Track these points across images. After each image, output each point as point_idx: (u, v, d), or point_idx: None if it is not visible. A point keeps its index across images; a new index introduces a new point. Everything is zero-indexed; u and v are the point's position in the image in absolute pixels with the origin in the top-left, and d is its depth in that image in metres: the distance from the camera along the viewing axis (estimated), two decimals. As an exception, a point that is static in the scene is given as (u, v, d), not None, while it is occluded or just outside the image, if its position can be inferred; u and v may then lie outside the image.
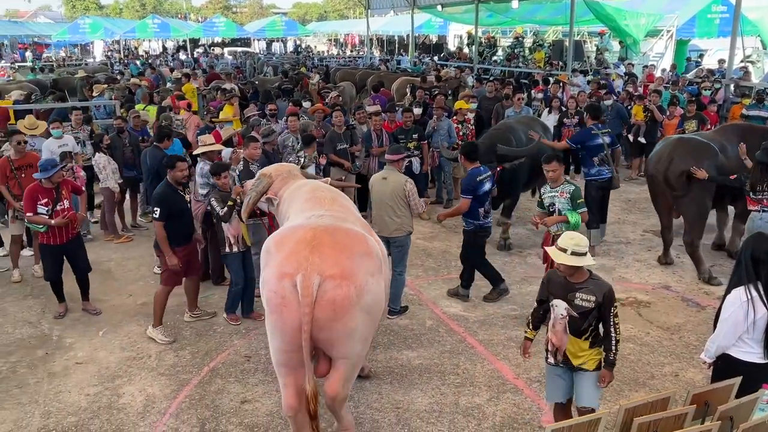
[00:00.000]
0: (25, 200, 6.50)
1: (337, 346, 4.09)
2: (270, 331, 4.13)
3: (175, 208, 6.16)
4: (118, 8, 75.04)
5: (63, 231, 6.57)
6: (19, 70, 24.27)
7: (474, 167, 6.82)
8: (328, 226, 4.26)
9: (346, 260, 4.00)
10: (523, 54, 27.10)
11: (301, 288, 3.84)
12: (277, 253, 4.11)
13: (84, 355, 6.02)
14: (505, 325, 6.49)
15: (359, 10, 58.10)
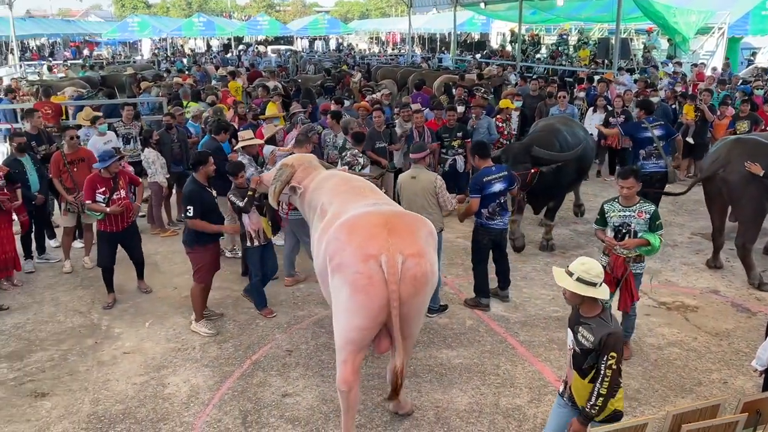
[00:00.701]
0: (85, 189, 6.90)
1: (411, 322, 4.42)
2: (353, 310, 4.29)
3: (206, 205, 6.28)
4: (165, 7, 76.63)
5: (119, 219, 6.92)
6: (71, 68, 25.01)
7: (486, 166, 6.67)
8: (395, 211, 4.72)
9: (419, 240, 4.37)
10: (568, 52, 26.71)
11: (388, 267, 4.13)
12: (352, 237, 4.34)
13: (131, 345, 6.18)
14: (547, 327, 6.42)
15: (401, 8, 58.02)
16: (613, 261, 5.45)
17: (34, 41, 42.78)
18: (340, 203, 4.97)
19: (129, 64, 26.72)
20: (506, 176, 6.70)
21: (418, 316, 4.51)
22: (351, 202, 4.92)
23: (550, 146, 7.98)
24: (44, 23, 45.86)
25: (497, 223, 6.71)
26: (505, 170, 6.76)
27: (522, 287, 7.34)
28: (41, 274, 7.94)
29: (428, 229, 4.59)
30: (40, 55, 38.74)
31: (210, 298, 6.94)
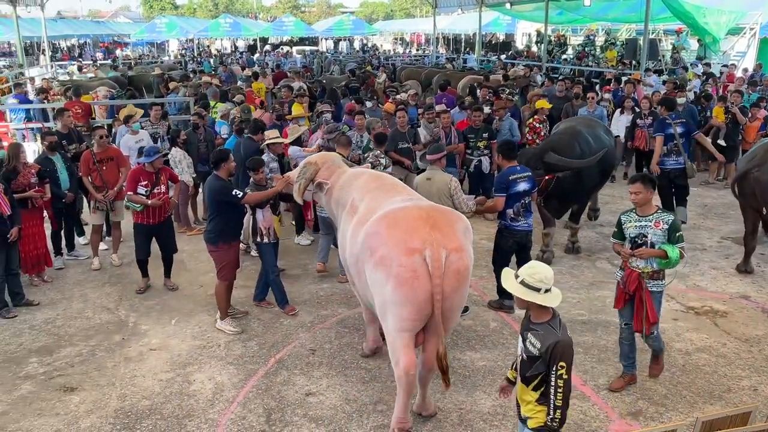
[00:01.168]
0: (129, 181, 7.25)
1: (451, 315, 4.54)
2: (398, 302, 4.39)
3: (229, 201, 6.30)
4: (192, 8, 77.61)
5: (156, 212, 7.22)
6: (100, 68, 25.43)
7: (510, 166, 6.60)
8: (434, 206, 4.85)
9: (459, 234, 4.48)
10: (594, 52, 26.43)
11: (432, 261, 4.25)
12: (393, 231, 4.44)
13: (158, 342, 6.26)
14: (572, 330, 6.29)
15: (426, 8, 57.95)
16: (627, 275, 5.10)
17: (64, 42, 43.60)
18: (373, 199, 5.05)
19: (156, 65, 27.08)
20: (531, 176, 6.64)
21: (458, 310, 4.69)
22: (385, 197, 5.00)
23: (570, 150, 7.72)
24: (75, 24, 46.75)
25: (522, 225, 6.64)
26: (529, 171, 6.70)
27: (547, 290, 7.27)
28: (70, 270, 8.08)
29: (465, 224, 4.69)
30: (71, 55, 39.45)
31: (234, 296, 7.01)
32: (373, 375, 5.58)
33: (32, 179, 7.34)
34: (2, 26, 33.94)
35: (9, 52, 38.97)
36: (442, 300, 4.29)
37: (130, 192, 7.17)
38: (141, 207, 7.16)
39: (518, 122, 11.15)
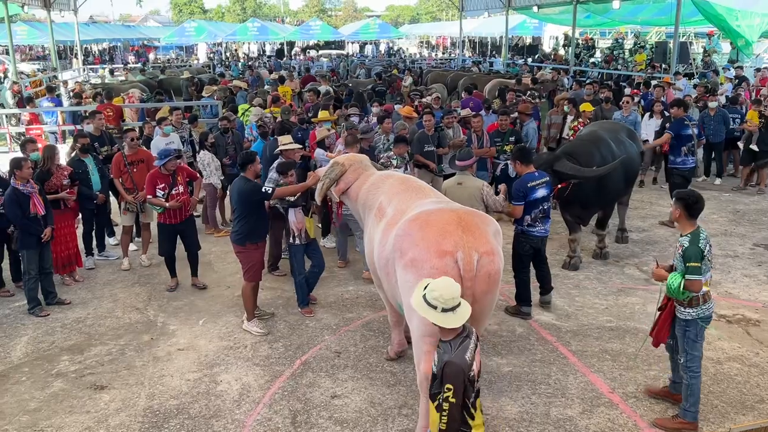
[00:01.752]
0: (147, 184, 7.38)
1: (481, 318, 4.51)
2: None
3: (255, 203, 6.38)
4: (220, 12, 78.60)
5: (178, 212, 7.37)
6: (130, 71, 25.87)
7: (528, 172, 6.56)
8: (465, 208, 4.79)
9: (490, 237, 4.47)
10: (623, 56, 26.11)
11: (464, 263, 4.24)
12: (425, 233, 4.42)
13: (185, 342, 6.34)
14: (599, 337, 6.27)
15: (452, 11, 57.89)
16: (665, 301, 4.90)
17: (96, 46, 44.45)
18: (402, 201, 5.06)
19: (185, 68, 27.44)
20: (549, 182, 6.62)
21: (488, 313, 4.66)
22: (414, 199, 5.02)
23: (588, 157, 7.44)
24: (106, 28, 47.65)
25: (539, 230, 6.64)
26: (547, 176, 6.64)
27: (574, 296, 7.20)
28: (101, 270, 8.22)
29: (495, 227, 4.67)
30: (102, 59, 40.21)
31: (261, 297, 7.06)
32: (398, 379, 5.58)
33: (65, 181, 7.49)
34: (37, 30, 34.74)
35: (43, 55, 39.87)
36: (473, 303, 4.21)
37: (149, 195, 7.34)
38: (161, 209, 7.31)
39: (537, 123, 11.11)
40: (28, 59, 37.71)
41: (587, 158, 7.44)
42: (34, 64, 33.33)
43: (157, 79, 20.95)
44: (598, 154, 7.60)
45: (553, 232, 9.33)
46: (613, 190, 7.93)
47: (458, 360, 3.38)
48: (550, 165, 7.07)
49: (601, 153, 7.63)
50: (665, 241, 8.96)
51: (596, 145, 7.75)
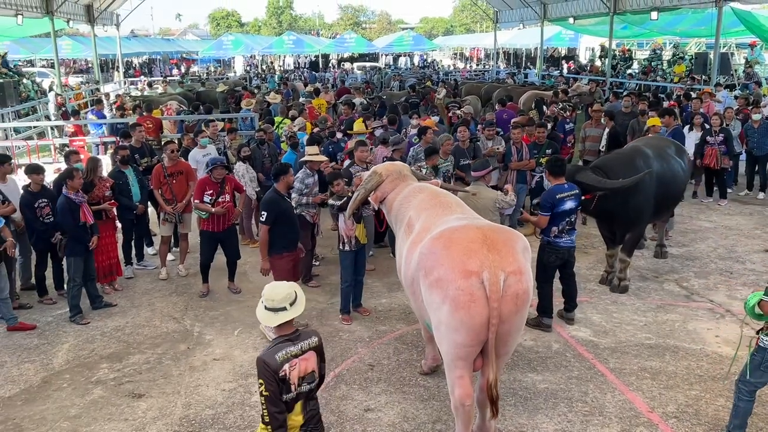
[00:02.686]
0: (196, 190, 7.73)
1: (508, 340, 4.38)
2: (454, 327, 4.25)
3: (282, 213, 6.51)
4: (257, 25, 79.98)
5: (221, 220, 7.61)
6: (169, 84, 26.43)
7: (557, 183, 6.51)
8: (490, 225, 4.65)
9: (518, 256, 4.28)
10: (662, 67, 25.68)
11: (490, 284, 4.10)
12: (448, 252, 4.30)
13: (221, 352, 6.41)
14: (638, 354, 6.13)
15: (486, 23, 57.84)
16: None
17: (136, 59, 45.60)
18: (428, 218, 4.98)
19: (222, 81, 27.92)
20: (578, 194, 6.56)
21: (517, 334, 4.48)
22: (439, 216, 4.93)
23: (622, 171, 7.09)
24: (146, 42, 48.83)
25: (565, 241, 6.55)
26: (576, 189, 6.58)
27: (612, 312, 7.06)
28: (139, 280, 8.38)
29: (524, 243, 4.50)
30: (142, 71, 41.21)
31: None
32: (432, 393, 5.54)
33: (106, 192, 7.68)
34: (81, 45, 35.84)
35: (86, 68, 41.04)
36: (499, 324, 4.15)
37: (197, 200, 7.59)
38: (206, 214, 7.54)
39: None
40: (71, 72, 38.86)
41: (619, 172, 7.08)
42: (77, 77, 34.32)
43: (195, 92, 21.34)
44: (633, 168, 7.19)
45: (589, 245, 9.26)
46: (644, 208, 7.38)
47: (265, 356, 3.56)
48: (572, 176, 6.93)
49: (637, 168, 7.19)
50: (706, 257, 8.74)
51: (633, 160, 7.38)
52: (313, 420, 3.78)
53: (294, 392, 3.62)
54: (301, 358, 3.64)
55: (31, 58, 35.90)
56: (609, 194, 6.97)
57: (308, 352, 3.70)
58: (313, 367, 3.72)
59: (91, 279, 7.29)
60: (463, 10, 77.53)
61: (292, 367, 3.58)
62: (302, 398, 3.68)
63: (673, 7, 20.38)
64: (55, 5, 22.06)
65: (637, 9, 21.89)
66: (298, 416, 3.68)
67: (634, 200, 7.22)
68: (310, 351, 3.71)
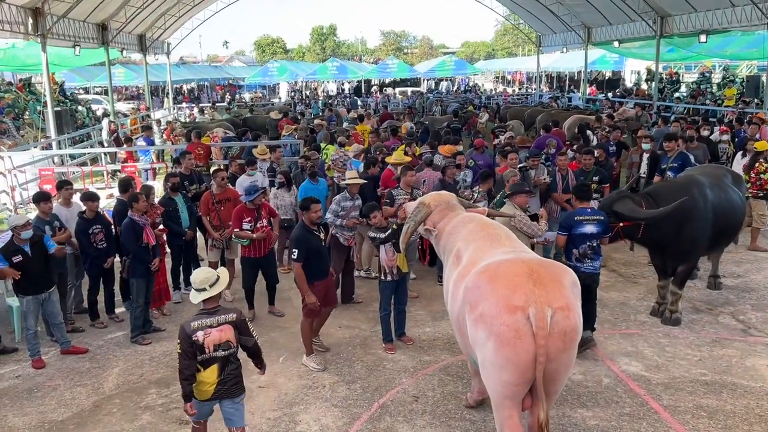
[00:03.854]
0: (234, 219, 7.80)
1: (557, 378, 4.24)
2: (500, 365, 4.16)
3: (312, 248, 6.56)
4: (301, 52, 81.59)
5: (261, 246, 7.75)
6: (217, 110, 27.10)
7: (581, 206, 6.63)
8: (537, 259, 4.56)
9: (566, 291, 4.17)
10: (711, 90, 25.11)
11: (536, 320, 3.99)
12: (493, 287, 4.22)
13: (266, 379, 6.39)
14: (693, 391, 5.91)
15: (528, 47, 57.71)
16: None
17: (185, 85, 47.02)
18: (476, 249, 4.90)
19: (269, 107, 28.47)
20: (601, 221, 6.55)
21: (566, 373, 4.33)
22: (487, 248, 4.83)
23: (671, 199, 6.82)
24: (195, 69, 50.39)
25: (587, 267, 6.51)
26: (601, 214, 6.61)
27: (665, 345, 6.84)
28: (186, 305, 8.47)
29: (572, 278, 4.37)
30: (191, 98, 42.42)
31: (338, 336, 7.16)
32: (478, 428, 5.43)
33: (158, 219, 7.87)
34: (133, 72, 37.15)
35: (137, 95, 42.48)
36: (547, 362, 4.03)
37: (236, 229, 7.72)
38: (248, 242, 7.67)
39: None
40: (123, 99, 40.27)
41: (670, 201, 6.84)
42: (128, 104, 35.53)
43: (241, 118, 21.80)
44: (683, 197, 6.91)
45: (639, 275, 9.02)
46: (698, 239, 7.11)
47: (184, 323, 4.53)
48: (611, 203, 6.94)
49: (692, 197, 6.98)
50: (763, 288, 8.42)
51: (686, 189, 7.13)
52: (230, 381, 4.66)
53: (208, 354, 4.50)
54: (215, 329, 4.51)
55: (86, 86, 37.35)
56: (659, 223, 6.80)
57: (224, 325, 4.55)
58: (228, 338, 4.56)
59: (146, 302, 7.45)
60: (505, 34, 77.49)
61: (206, 335, 4.47)
62: (218, 362, 4.55)
63: (723, 30, 19.96)
64: (110, 36, 22.98)
65: (685, 32, 21.52)
66: (212, 375, 4.57)
67: (688, 230, 7.00)
68: (226, 324, 4.56)
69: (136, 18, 24.42)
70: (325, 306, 6.82)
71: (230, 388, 4.67)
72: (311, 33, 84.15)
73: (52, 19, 17.81)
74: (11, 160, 13.56)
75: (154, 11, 26.12)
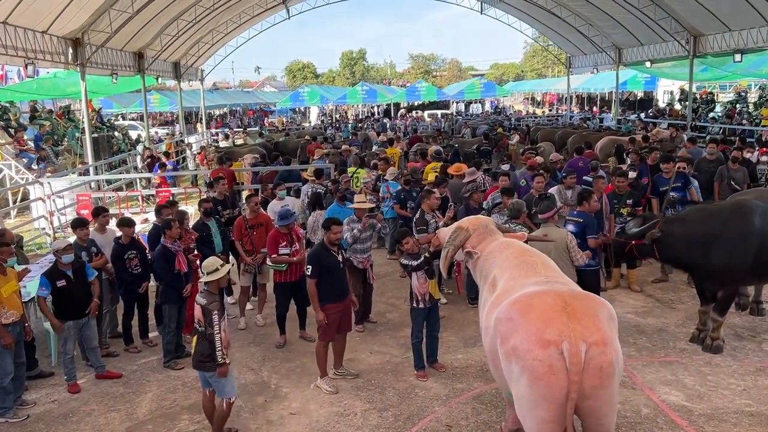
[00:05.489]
0: (269, 245, 7.79)
1: (600, 417, 4.08)
2: (534, 401, 4.04)
3: (327, 266, 6.55)
4: (331, 77, 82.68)
5: (296, 270, 7.74)
6: (249, 135, 27.52)
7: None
8: (572, 291, 4.39)
9: (601, 325, 4.03)
10: (747, 110, 24.63)
11: (570, 356, 3.86)
12: (525, 319, 4.11)
13: (297, 406, 6.39)
14: (738, 423, 5.69)
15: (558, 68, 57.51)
16: None
17: (218, 110, 47.94)
18: (510, 278, 4.78)
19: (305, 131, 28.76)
20: (580, 222, 7.44)
21: (610, 411, 4.09)
22: (521, 277, 4.71)
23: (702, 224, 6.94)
24: (227, 94, 51.36)
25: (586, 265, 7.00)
26: (582, 216, 7.47)
27: (706, 374, 6.62)
28: (219, 329, 8.54)
29: (608, 311, 4.22)
30: (223, 122, 43.20)
31: (369, 362, 7.10)
32: (514, 458, 5.31)
33: (192, 245, 7.96)
34: (167, 98, 38.06)
35: (171, 120, 43.43)
36: (583, 400, 3.89)
37: (273, 255, 7.68)
38: (285, 266, 7.66)
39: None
40: (157, 124, 41.19)
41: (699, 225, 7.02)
42: (163, 129, 36.33)
43: (273, 142, 22.05)
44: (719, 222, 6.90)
45: (677, 300, 8.79)
46: (733, 265, 6.78)
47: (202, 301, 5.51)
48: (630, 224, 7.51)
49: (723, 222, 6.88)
50: (809, 315, 8.11)
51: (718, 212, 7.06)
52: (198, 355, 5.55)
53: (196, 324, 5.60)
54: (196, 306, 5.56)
55: (122, 112, 38.34)
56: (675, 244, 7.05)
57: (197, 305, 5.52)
58: (198, 317, 5.51)
59: (179, 327, 7.50)
60: (534, 55, 77.51)
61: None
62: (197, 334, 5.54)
63: (758, 49, 19.62)
64: (146, 64, 23.61)
65: (719, 51, 21.22)
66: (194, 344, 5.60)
67: (717, 255, 6.80)
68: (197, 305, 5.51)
69: (171, 46, 25.10)
70: (340, 332, 6.81)
71: (200, 362, 5.48)
72: (341, 58, 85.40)
73: (91, 48, 18.39)
74: (50, 186, 13.92)
75: (189, 39, 26.81)
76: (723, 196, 10.39)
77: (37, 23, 15.73)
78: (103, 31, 18.44)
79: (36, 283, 7.17)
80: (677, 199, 9.39)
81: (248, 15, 29.68)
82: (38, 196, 14.15)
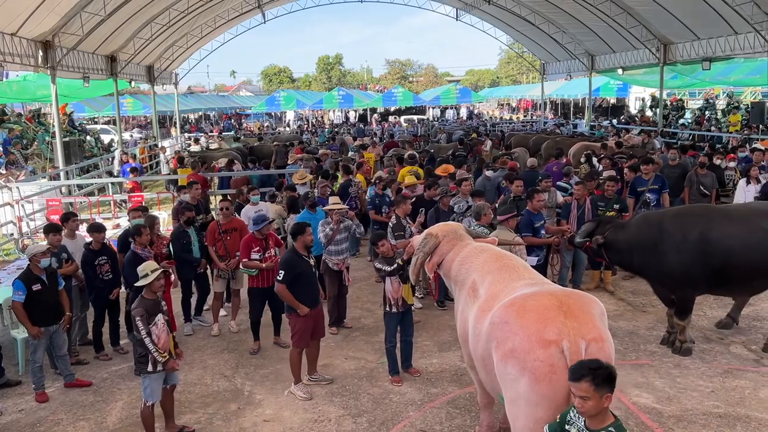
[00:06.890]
0: (242, 249, 7.77)
1: None
2: (535, 401, 4.01)
3: (299, 273, 6.56)
4: (307, 81, 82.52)
5: (269, 276, 7.59)
6: (224, 139, 27.30)
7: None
8: (564, 290, 4.48)
9: (596, 322, 4.09)
10: (716, 117, 25.17)
11: (570, 354, 3.88)
12: (523, 321, 4.10)
13: (271, 413, 6.34)
14: (706, 424, 5.79)
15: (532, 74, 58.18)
16: None
17: (192, 115, 47.45)
18: (495, 283, 4.77)
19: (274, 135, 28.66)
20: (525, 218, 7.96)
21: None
22: (506, 280, 4.71)
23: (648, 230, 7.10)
24: (202, 98, 50.89)
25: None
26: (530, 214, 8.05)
27: (675, 376, 6.72)
28: (192, 336, 8.44)
29: (600, 308, 4.28)
30: (198, 127, 42.79)
31: (344, 368, 7.06)
32: (487, 462, 5.33)
33: (164, 250, 7.86)
34: (141, 102, 37.60)
35: (144, 124, 42.89)
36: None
37: (245, 259, 7.67)
38: (256, 271, 7.63)
39: None
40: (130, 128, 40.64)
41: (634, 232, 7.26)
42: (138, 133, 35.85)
43: (248, 147, 21.92)
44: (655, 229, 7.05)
45: (648, 304, 8.93)
46: (674, 271, 6.87)
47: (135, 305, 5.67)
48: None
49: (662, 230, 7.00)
50: (775, 317, 8.30)
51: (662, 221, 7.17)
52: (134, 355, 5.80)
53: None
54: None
55: (94, 116, 37.77)
56: (616, 248, 7.32)
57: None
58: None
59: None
60: (509, 62, 78.30)
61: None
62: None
63: (726, 57, 20.08)
64: (119, 67, 23.30)
65: (688, 59, 21.67)
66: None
67: (656, 260, 6.98)
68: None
69: (144, 49, 24.80)
70: (313, 338, 6.81)
71: (136, 364, 5.71)
72: (317, 62, 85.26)
73: (62, 51, 18.09)
74: (19, 191, 13.64)
75: (163, 43, 26.51)
76: (692, 200, 10.65)
77: (6, 25, 15.44)
78: (75, 33, 18.15)
79: (3, 290, 7.03)
80: (651, 200, 9.65)
81: (223, 19, 29.42)
82: (6, 201, 13.86)
